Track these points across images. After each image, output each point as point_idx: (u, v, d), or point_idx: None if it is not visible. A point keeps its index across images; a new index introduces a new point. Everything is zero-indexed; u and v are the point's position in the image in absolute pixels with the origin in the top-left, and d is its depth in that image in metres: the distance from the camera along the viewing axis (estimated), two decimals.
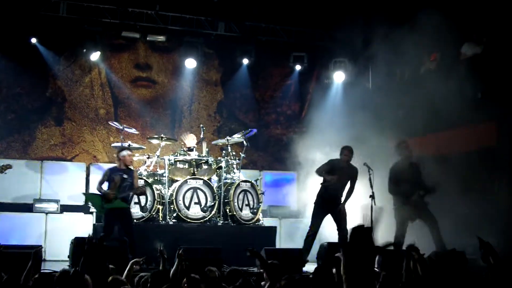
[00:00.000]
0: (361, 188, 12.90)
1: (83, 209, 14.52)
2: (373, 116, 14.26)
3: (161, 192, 13.42)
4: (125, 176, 11.98)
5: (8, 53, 15.08)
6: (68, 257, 11.56)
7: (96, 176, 15.11)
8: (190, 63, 16.39)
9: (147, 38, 16.12)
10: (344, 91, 16.14)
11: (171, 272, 7.56)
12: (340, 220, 12.64)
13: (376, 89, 14.52)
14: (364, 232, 5.93)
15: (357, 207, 13.34)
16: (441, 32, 13.21)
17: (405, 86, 14.40)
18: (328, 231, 13.23)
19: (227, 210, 13.53)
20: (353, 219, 13.28)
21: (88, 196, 12.74)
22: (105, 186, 11.95)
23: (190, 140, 14.20)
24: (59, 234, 13.68)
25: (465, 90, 13.30)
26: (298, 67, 17.02)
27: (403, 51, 13.79)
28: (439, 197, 12.42)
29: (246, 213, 13.62)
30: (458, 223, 12.55)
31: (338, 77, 16.23)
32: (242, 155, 14.09)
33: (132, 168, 12.35)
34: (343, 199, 12.70)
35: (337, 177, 12.51)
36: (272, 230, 13.86)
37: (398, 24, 13.57)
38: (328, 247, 11.85)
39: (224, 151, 14.00)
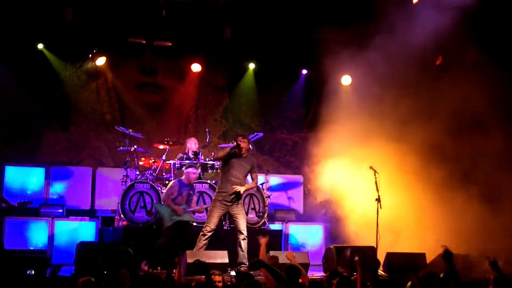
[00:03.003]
0: (367, 191, 12.90)
1: (89, 213, 14.59)
2: (380, 119, 14.20)
3: None
4: (191, 192, 12.54)
5: (15, 59, 15.11)
6: (74, 261, 11.54)
7: (101, 180, 15.27)
8: (196, 68, 16.41)
9: (153, 44, 16.10)
10: (351, 94, 16.07)
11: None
12: None
13: (383, 92, 14.45)
14: None
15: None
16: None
17: (413, 90, 14.33)
18: None
19: None
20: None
21: (158, 206, 12.80)
22: None
23: (192, 144, 14.18)
24: (65, 239, 13.71)
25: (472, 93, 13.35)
26: (304, 72, 17.03)
27: (409, 53, 13.78)
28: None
29: (252, 216, 13.62)
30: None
31: (345, 80, 16.17)
32: None
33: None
34: None
35: None
36: (277, 234, 13.87)
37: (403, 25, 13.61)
38: (335, 251, 11.89)
39: None
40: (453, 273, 7.04)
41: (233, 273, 9.43)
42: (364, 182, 13.21)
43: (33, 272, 10.27)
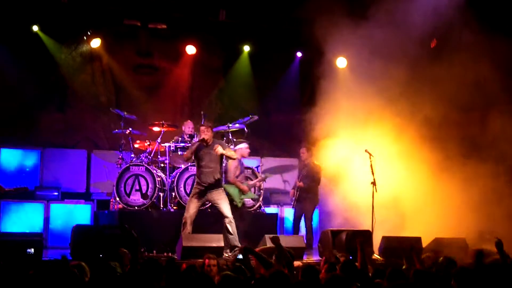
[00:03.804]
0: (362, 175, 12.89)
1: (84, 196, 14.58)
2: (375, 101, 14.12)
3: (162, 179, 13.42)
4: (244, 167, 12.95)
5: (10, 41, 15.05)
6: (69, 244, 11.54)
7: (97, 163, 15.26)
8: (191, 50, 16.38)
9: (149, 26, 16.05)
10: (347, 76, 15.98)
11: None
12: None
13: (380, 74, 14.35)
14: None
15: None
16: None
17: (408, 71, 14.24)
18: None
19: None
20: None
21: (227, 187, 12.87)
22: None
23: (187, 127, 14.18)
24: (60, 222, 13.71)
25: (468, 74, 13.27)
26: (299, 54, 17.00)
27: (405, 34, 13.70)
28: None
29: (247, 200, 13.59)
30: None
31: (341, 62, 16.09)
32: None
33: None
34: None
35: None
36: (273, 217, 13.89)
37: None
38: (331, 234, 11.88)
39: (225, 138, 13.95)
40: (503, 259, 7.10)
41: (240, 256, 9.41)
42: (361, 164, 13.18)
43: (32, 250, 10.30)
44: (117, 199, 13.22)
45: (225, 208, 11.62)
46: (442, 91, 13.60)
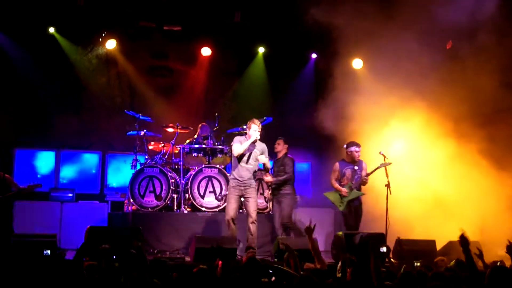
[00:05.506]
0: (376, 177, 12.83)
1: (98, 197, 14.63)
2: (393, 101, 14.02)
3: (176, 181, 13.44)
4: (355, 168, 12.88)
5: (26, 43, 15.15)
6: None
7: (111, 164, 15.31)
8: (206, 52, 16.40)
9: (164, 28, 16.07)
10: (362, 77, 15.91)
11: None
12: None
13: (399, 72, 14.24)
14: None
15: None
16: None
17: (427, 73, 14.13)
18: None
19: None
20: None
21: (327, 194, 13.12)
22: None
23: (203, 129, 14.21)
24: (74, 223, 13.73)
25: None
26: (314, 55, 16.98)
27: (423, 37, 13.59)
28: None
29: (260, 201, 13.60)
30: None
31: (357, 63, 16.03)
32: None
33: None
34: None
35: None
36: None
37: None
38: (344, 237, 11.82)
39: None
40: (469, 261, 6.94)
41: None
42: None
43: (49, 252, 10.34)
44: (131, 200, 13.26)
45: (252, 208, 11.76)
46: (470, 86, 13.42)
